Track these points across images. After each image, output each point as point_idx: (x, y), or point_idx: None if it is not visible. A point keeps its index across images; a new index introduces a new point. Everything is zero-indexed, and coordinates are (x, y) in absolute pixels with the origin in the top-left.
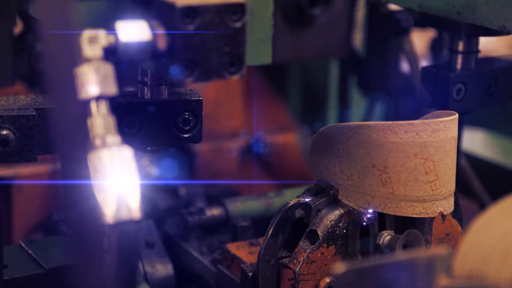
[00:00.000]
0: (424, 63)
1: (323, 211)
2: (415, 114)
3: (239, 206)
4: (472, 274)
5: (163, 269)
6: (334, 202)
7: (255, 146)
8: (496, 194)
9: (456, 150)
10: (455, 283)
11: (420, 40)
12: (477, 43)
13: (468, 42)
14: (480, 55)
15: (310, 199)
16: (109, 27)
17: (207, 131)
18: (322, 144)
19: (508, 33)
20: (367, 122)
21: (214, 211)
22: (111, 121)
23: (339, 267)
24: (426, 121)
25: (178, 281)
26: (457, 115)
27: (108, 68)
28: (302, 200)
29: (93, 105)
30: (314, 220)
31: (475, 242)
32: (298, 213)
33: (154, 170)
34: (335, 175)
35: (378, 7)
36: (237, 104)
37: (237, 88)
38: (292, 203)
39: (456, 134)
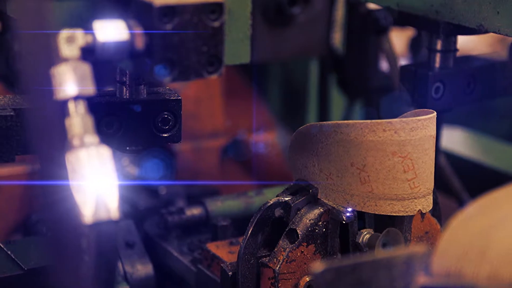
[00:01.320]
0: (403, 62)
1: (302, 210)
2: (395, 112)
3: (219, 206)
4: (450, 272)
5: (143, 269)
6: (314, 201)
7: (232, 147)
8: (475, 192)
9: (434, 148)
10: (433, 281)
11: (399, 39)
12: (455, 42)
13: (446, 41)
14: (460, 53)
15: (289, 198)
16: (87, 27)
17: (187, 131)
18: (301, 143)
19: (485, 32)
20: (346, 121)
21: (194, 211)
22: (89, 121)
23: (318, 266)
24: (404, 119)
25: (158, 281)
26: (435, 113)
27: (85, 68)
28: (281, 199)
29: (71, 105)
30: (293, 219)
31: (453, 240)
32: (278, 212)
33: (134, 170)
34: (315, 174)
35: (357, 6)
36: (217, 103)
37: (217, 88)
38: (271, 202)
39: (435, 132)
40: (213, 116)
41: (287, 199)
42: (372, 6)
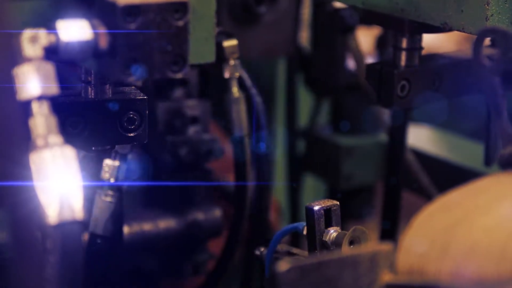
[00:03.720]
0: (370, 60)
1: None
2: (361, 111)
3: None
4: (413, 269)
5: None
6: None
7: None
8: (443, 189)
9: None
10: (397, 279)
11: (366, 37)
12: (420, 40)
13: (411, 39)
14: (428, 52)
15: None
16: (50, 27)
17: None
18: None
19: (450, 30)
20: None
21: None
22: (53, 121)
23: (282, 265)
24: None
25: None
26: None
27: (49, 68)
28: None
29: (34, 105)
30: None
31: (416, 237)
32: None
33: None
34: None
35: (323, 5)
36: None
37: None
38: None
39: None
40: None
41: None
42: (338, 5)
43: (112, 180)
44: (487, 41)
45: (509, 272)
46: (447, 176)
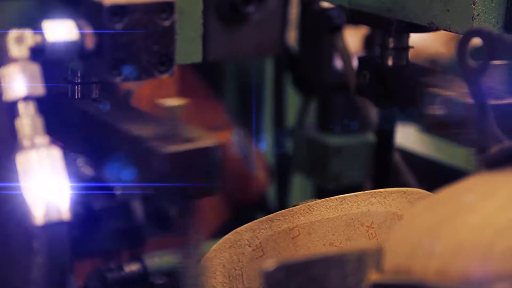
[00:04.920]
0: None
1: None
2: (349, 110)
3: (157, 261)
4: (400, 268)
5: None
6: None
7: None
8: (429, 189)
9: None
10: (383, 278)
11: (354, 37)
12: (407, 40)
13: (398, 39)
14: (414, 51)
15: None
16: (36, 27)
17: None
18: (220, 259)
19: (436, 29)
20: (279, 212)
21: (133, 267)
22: (39, 121)
23: (269, 265)
24: None
25: None
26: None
27: (35, 68)
28: None
29: (20, 106)
30: None
31: (403, 237)
32: None
33: (89, 171)
34: None
35: (311, 4)
36: None
37: (172, 87)
38: None
39: None
40: None
41: None
42: (325, 4)
43: None
44: (475, 40)
45: (495, 271)
46: (435, 175)
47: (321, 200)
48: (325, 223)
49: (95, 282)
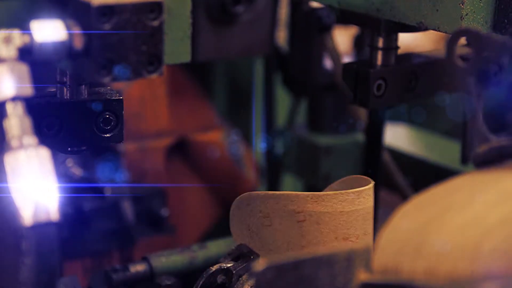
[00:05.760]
0: (348, 60)
1: (244, 276)
2: (338, 110)
3: (163, 261)
4: (388, 268)
5: None
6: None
7: None
8: (419, 188)
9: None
10: (372, 278)
11: (343, 37)
12: (396, 39)
13: (387, 39)
14: (405, 50)
15: (231, 265)
16: (24, 27)
17: (132, 131)
18: (242, 211)
19: (425, 29)
20: (287, 193)
21: (138, 267)
22: (27, 122)
23: (259, 265)
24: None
25: None
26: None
27: (23, 69)
28: (223, 266)
29: (9, 106)
30: (235, 286)
31: (391, 236)
32: (220, 278)
33: (79, 171)
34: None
35: (300, 4)
36: (162, 103)
37: (162, 87)
38: (214, 269)
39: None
40: (158, 116)
41: (229, 265)
42: (315, 4)
43: None
44: (463, 40)
45: (483, 270)
46: (424, 174)
47: (333, 192)
48: (337, 216)
49: (100, 283)
